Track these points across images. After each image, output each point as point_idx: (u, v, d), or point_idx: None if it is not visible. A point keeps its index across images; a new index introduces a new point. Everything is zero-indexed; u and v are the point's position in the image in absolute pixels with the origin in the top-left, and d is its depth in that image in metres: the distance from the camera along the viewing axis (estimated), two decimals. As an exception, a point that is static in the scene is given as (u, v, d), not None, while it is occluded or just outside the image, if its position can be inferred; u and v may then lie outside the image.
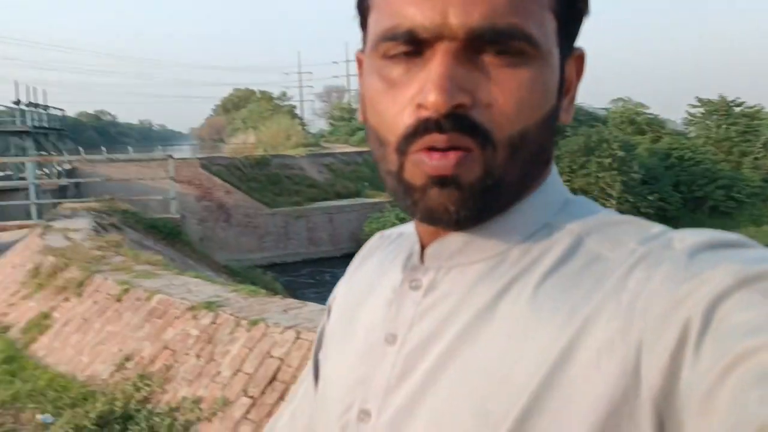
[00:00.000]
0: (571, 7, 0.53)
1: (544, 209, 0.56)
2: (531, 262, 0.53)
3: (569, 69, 0.56)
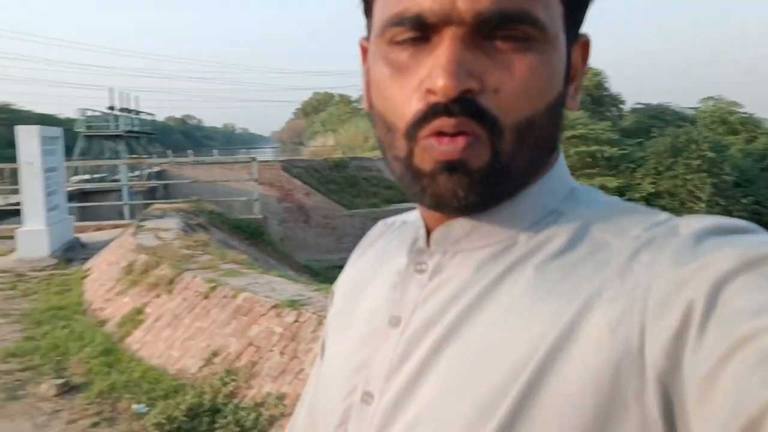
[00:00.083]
0: None
1: (551, 196, 0.56)
2: (535, 248, 0.53)
3: (575, 55, 0.56)
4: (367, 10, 0.58)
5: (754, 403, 0.36)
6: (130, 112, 37.14)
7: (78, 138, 31.67)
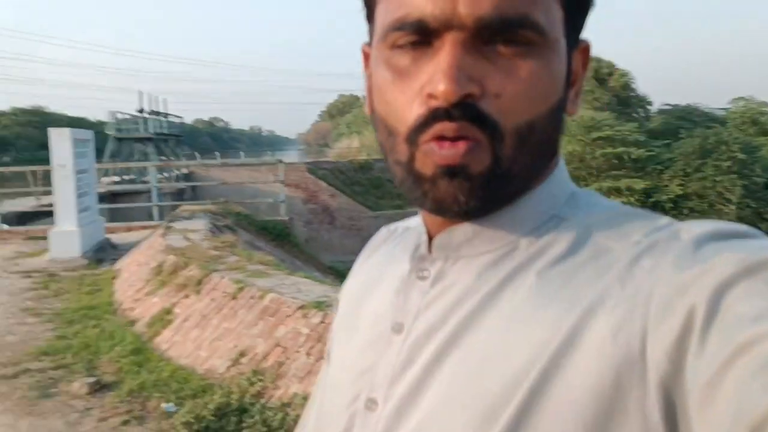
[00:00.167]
0: None
1: (552, 201, 0.56)
2: (537, 253, 0.53)
3: (575, 61, 0.56)
4: (369, 16, 0.58)
5: (755, 409, 0.37)
6: (158, 114, 37.61)
7: (108, 140, 32.18)
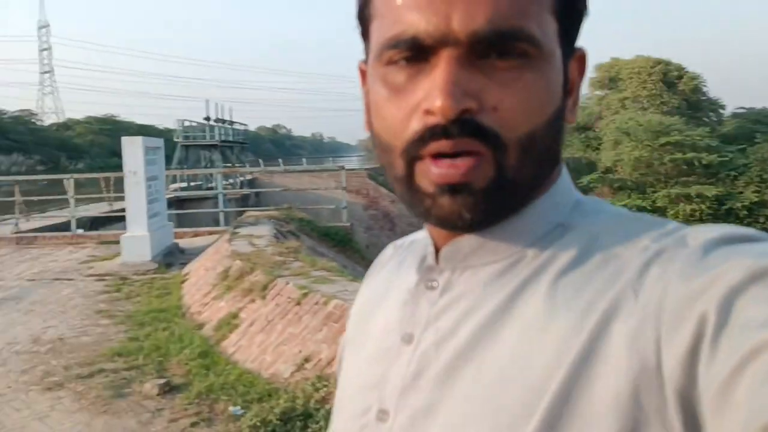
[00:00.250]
0: (571, 8, 0.54)
1: (556, 210, 0.56)
2: (545, 262, 0.53)
3: (572, 69, 0.57)
4: (365, 33, 0.58)
5: (766, 415, 0.37)
6: (224, 122, 38.61)
7: (176, 147, 33.23)
